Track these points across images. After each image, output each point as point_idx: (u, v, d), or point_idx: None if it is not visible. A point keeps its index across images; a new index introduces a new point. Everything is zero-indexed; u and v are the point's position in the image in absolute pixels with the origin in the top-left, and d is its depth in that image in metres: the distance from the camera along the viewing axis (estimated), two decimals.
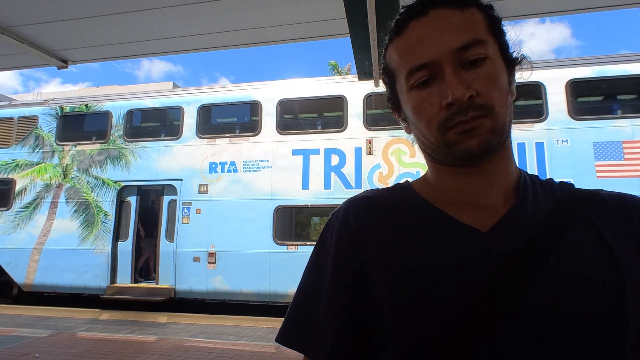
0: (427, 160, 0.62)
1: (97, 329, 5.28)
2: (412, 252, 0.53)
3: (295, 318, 0.58)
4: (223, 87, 8.56)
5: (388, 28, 0.61)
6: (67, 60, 3.15)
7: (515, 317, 0.47)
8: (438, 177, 0.60)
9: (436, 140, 0.54)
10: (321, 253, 0.60)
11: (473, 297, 0.48)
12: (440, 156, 0.57)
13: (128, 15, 2.56)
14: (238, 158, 6.72)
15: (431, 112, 0.53)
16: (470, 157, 0.53)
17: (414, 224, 0.56)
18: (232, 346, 4.37)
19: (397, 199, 0.61)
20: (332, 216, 0.63)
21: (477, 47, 0.52)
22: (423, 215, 0.57)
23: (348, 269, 0.56)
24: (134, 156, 7.17)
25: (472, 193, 0.57)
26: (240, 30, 2.83)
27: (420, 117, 0.55)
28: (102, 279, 6.85)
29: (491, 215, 0.55)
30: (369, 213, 0.59)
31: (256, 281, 6.28)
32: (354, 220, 0.59)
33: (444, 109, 0.51)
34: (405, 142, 6.24)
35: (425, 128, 0.55)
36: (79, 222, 7.14)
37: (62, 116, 7.68)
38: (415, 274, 0.52)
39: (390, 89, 0.62)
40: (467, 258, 0.51)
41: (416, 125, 0.57)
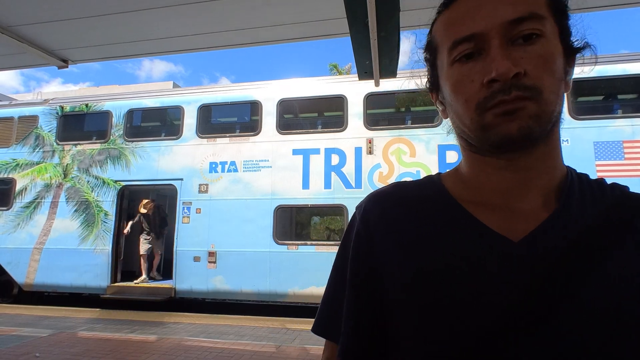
0: (462, 148, 0.56)
1: (97, 329, 5.29)
2: (429, 254, 0.49)
3: (323, 313, 0.61)
4: (223, 86, 8.56)
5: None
6: (67, 60, 3.15)
7: (536, 345, 0.41)
8: (471, 169, 0.54)
9: (472, 122, 0.48)
10: (342, 251, 0.59)
11: (495, 316, 0.44)
12: (476, 142, 0.50)
13: (128, 14, 2.56)
14: (238, 158, 6.72)
15: (471, 90, 0.47)
16: (507, 144, 0.46)
17: (436, 226, 0.52)
18: (232, 346, 4.37)
19: (421, 195, 0.56)
20: (355, 211, 0.60)
21: (533, 21, 0.45)
22: (449, 217, 0.52)
23: (363, 270, 0.54)
24: (134, 156, 7.17)
25: (506, 192, 0.50)
26: (239, 30, 2.83)
27: (459, 94, 0.49)
28: (102, 278, 6.85)
29: (526, 222, 0.48)
30: (389, 210, 0.56)
31: (256, 281, 6.28)
32: (372, 217, 0.56)
33: (484, 87, 0.46)
34: (405, 142, 6.24)
35: (462, 107, 0.49)
36: (80, 221, 7.14)
37: (62, 116, 7.68)
38: (430, 278, 0.48)
39: (431, 66, 0.57)
40: (492, 271, 0.46)
41: (453, 105, 0.51)
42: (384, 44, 2.64)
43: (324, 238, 8.55)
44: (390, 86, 6.25)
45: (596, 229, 0.46)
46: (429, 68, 0.58)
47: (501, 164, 0.50)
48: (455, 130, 0.56)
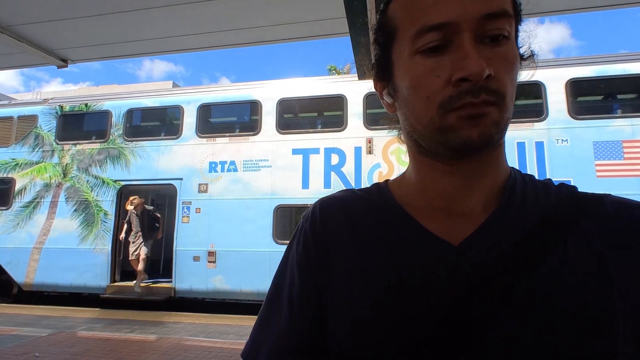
0: (409, 150, 0.53)
1: (97, 328, 5.29)
2: (371, 263, 0.47)
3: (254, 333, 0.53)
4: (223, 86, 8.56)
5: None
6: (67, 59, 3.15)
7: (473, 352, 0.40)
8: (417, 172, 0.52)
9: (431, 122, 0.44)
10: (287, 258, 0.55)
11: (432, 323, 0.42)
12: (429, 143, 0.47)
13: (127, 14, 2.56)
14: (238, 157, 6.72)
15: (434, 86, 0.43)
16: (466, 149, 0.43)
17: (379, 231, 0.49)
18: (232, 345, 4.37)
19: (367, 201, 0.53)
20: (302, 218, 0.56)
21: (503, 21, 0.42)
22: (391, 222, 0.50)
23: (307, 278, 0.50)
24: (134, 155, 7.17)
25: (448, 196, 0.48)
26: (239, 30, 2.82)
27: (419, 90, 0.44)
28: (102, 278, 6.85)
29: (466, 224, 0.46)
30: (335, 216, 0.53)
31: (256, 280, 6.28)
32: (320, 220, 0.53)
33: (452, 85, 0.42)
34: None
35: (422, 105, 0.44)
36: (79, 221, 7.14)
37: (61, 115, 7.67)
38: (373, 290, 0.45)
39: (383, 52, 0.50)
40: (431, 276, 0.44)
41: (409, 101, 0.46)
42: None
43: None
44: None
45: (536, 229, 0.45)
46: (378, 52, 0.51)
47: (449, 168, 0.48)
48: (404, 128, 0.51)
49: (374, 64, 0.53)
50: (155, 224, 7.29)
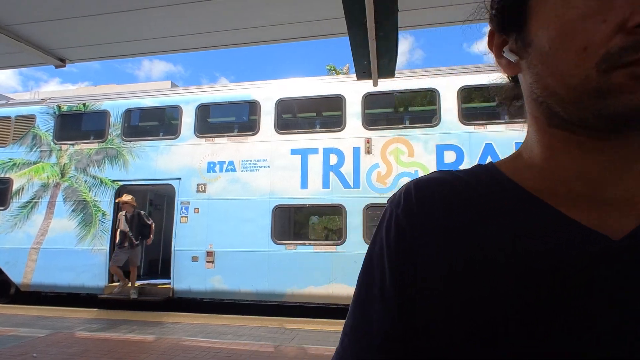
0: (534, 122, 0.43)
1: (95, 329, 5.27)
2: (492, 253, 0.39)
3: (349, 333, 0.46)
4: (221, 86, 8.55)
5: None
6: (65, 59, 3.14)
7: None
8: (546, 150, 0.41)
9: (582, 82, 0.34)
10: (374, 250, 0.47)
11: (584, 329, 0.34)
12: (571, 111, 0.37)
13: (125, 14, 2.55)
14: (236, 157, 6.72)
15: (598, 34, 0.33)
16: (633, 119, 0.34)
17: (498, 218, 0.41)
18: (230, 345, 4.37)
19: (474, 184, 0.45)
20: (389, 203, 0.48)
21: None
22: (514, 208, 0.41)
23: (406, 269, 0.43)
24: (132, 155, 7.15)
25: (592, 180, 0.39)
26: (238, 30, 2.82)
27: (573, 39, 0.34)
28: (100, 278, 6.84)
29: (622, 216, 0.37)
30: (434, 199, 0.45)
31: (255, 281, 6.27)
32: (417, 204, 0.45)
33: (625, 32, 0.32)
34: (403, 142, 6.24)
35: (572, 60, 0.34)
36: (77, 221, 7.12)
37: (59, 115, 7.65)
38: (497, 280, 0.38)
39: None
40: (584, 273, 0.35)
41: (550, 55, 0.36)
42: (382, 44, 2.64)
43: (322, 238, 8.56)
44: (389, 86, 6.27)
45: None
46: None
47: (597, 144, 0.38)
48: (531, 93, 0.41)
49: (496, 12, 0.43)
50: (145, 230, 6.81)
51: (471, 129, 6.05)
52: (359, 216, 6.11)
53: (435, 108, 6.31)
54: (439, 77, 6.43)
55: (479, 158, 5.90)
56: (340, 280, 6.01)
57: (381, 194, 6.12)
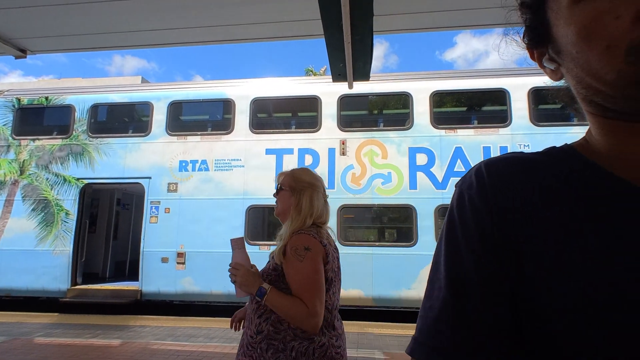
0: (594, 115, 0.43)
1: (56, 334, 5.01)
2: (593, 242, 0.37)
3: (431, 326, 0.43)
4: (195, 83, 8.36)
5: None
6: (26, 49, 2.97)
7: None
8: (610, 138, 0.42)
9: (618, 76, 0.35)
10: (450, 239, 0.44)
11: None
12: (621, 104, 0.38)
13: (93, 5, 2.45)
14: (209, 156, 6.59)
15: (615, 30, 0.34)
16: None
17: (593, 200, 0.39)
18: (201, 348, 4.28)
19: (552, 162, 0.44)
20: (457, 187, 0.47)
21: None
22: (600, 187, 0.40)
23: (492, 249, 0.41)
24: (99, 153, 6.86)
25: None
26: (213, 27, 2.77)
27: (594, 39, 0.36)
28: (62, 281, 6.51)
29: None
30: (514, 176, 0.43)
31: (227, 282, 6.13)
32: (489, 184, 0.43)
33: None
34: (377, 144, 6.34)
35: (600, 59, 0.36)
36: (37, 221, 6.74)
37: (19, 109, 7.22)
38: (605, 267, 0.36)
39: (534, 13, 0.43)
40: None
41: (580, 59, 0.38)
42: (357, 47, 2.68)
43: None
44: (365, 88, 6.35)
45: None
46: (529, 17, 0.44)
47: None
48: (579, 94, 0.43)
49: (526, 30, 0.45)
50: None
51: (442, 133, 6.24)
52: (333, 217, 6.15)
53: (409, 112, 6.46)
54: (413, 81, 6.59)
55: (449, 161, 6.09)
56: None
57: (355, 195, 6.19)
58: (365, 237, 6.92)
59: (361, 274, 5.91)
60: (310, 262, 1.27)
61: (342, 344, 1.34)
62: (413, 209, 6.03)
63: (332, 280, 1.34)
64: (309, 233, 1.34)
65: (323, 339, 1.27)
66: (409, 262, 5.84)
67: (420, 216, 5.98)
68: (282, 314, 1.27)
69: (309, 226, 1.38)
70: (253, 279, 1.39)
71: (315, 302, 1.23)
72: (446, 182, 6.03)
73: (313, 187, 1.46)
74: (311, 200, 1.42)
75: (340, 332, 1.36)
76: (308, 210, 1.40)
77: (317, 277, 1.27)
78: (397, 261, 5.91)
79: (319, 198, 1.46)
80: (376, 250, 6.06)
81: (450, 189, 6.00)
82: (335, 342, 1.30)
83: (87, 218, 7.07)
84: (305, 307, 1.22)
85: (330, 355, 1.26)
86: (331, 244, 1.41)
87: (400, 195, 6.10)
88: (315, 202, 1.43)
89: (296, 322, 1.25)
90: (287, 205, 1.45)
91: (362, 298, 5.93)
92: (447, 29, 2.90)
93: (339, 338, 1.33)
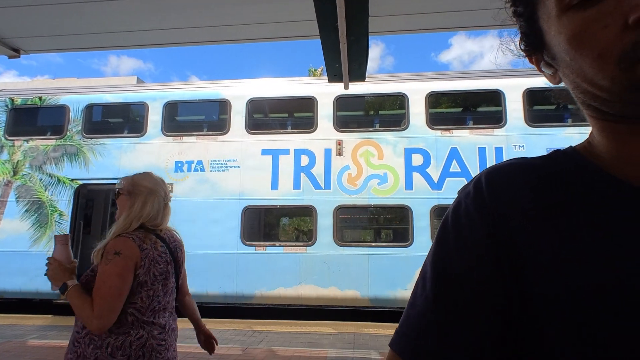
0: (593, 118, 0.43)
1: (49, 336, 4.96)
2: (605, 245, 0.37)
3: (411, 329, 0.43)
4: (191, 83, 8.33)
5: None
6: (19, 49, 2.95)
7: None
8: (612, 142, 0.42)
9: (613, 83, 0.36)
10: (441, 244, 0.45)
11: None
12: (619, 108, 0.39)
13: (88, 4, 2.43)
14: (205, 157, 6.57)
15: (605, 39, 0.35)
16: None
17: (592, 202, 0.40)
18: (196, 349, 4.25)
19: (555, 168, 0.44)
20: (459, 194, 0.47)
21: None
22: (600, 188, 0.40)
23: (486, 261, 0.41)
24: (94, 153, 6.82)
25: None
26: (209, 27, 2.77)
27: (585, 48, 0.37)
28: None
29: None
30: (513, 182, 0.44)
31: (223, 282, 6.16)
32: (488, 192, 0.44)
33: (630, 30, 0.34)
34: (373, 144, 6.36)
35: (593, 67, 0.37)
36: (31, 222, 6.68)
37: (12, 109, 7.16)
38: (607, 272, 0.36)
39: (527, 21, 0.44)
40: None
41: (575, 63, 0.39)
42: (353, 48, 2.69)
43: (292, 239, 8.53)
44: (360, 89, 6.36)
45: None
46: (522, 24, 0.45)
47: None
48: (577, 97, 0.43)
49: (520, 38, 0.47)
50: None
51: (438, 134, 6.27)
52: (330, 217, 6.16)
53: (405, 112, 6.48)
54: (408, 82, 6.62)
55: (444, 161, 6.12)
56: (310, 282, 6.02)
57: (351, 196, 6.19)
58: (361, 238, 6.93)
59: (357, 274, 5.91)
60: (113, 266, 1.32)
61: (168, 338, 1.42)
62: (409, 210, 6.05)
63: (147, 283, 1.38)
64: (130, 237, 1.39)
65: (141, 331, 1.34)
66: (405, 263, 5.86)
67: (416, 217, 6.00)
68: (75, 313, 1.35)
69: (134, 229, 1.43)
70: (62, 274, 1.43)
71: (103, 306, 1.28)
72: (442, 183, 6.05)
73: (151, 192, 1.51)
74: (143, 204, 1.47)
75: (166, 328, 1.42)
76: (137, 213, 1.45)
77: (115, 281, 1.31)
78: (393, 261, 5.92)
79: (156, 202, 1.51)
80: (372, 250, 6.07)
81: (445, 190, 6.02)
82: (157, 335, 1.37)
83: (82, 219, 7.01)
84: (90, 309, 1.29)
85: (151, 345, 1.34)
86: (158, 248, 1.45)
87: (396, 196, 6.11)
88: (149, 206, 1.48)
89: (83, 321, 1.33)
90: (125, 209, 1.49)
91: (359, 298, 5.94)
92: (442, 30, 2.91)
93: (163, 332, 1.40)
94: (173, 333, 1.47)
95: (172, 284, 1.51)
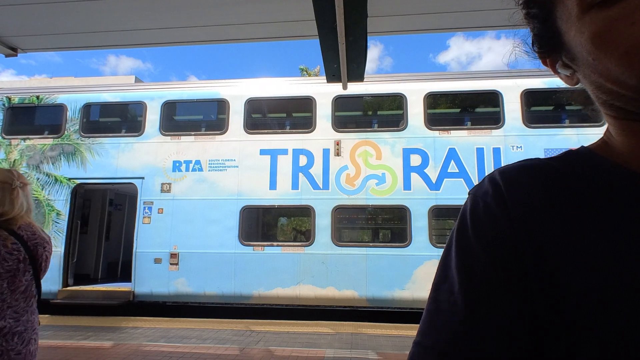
0: (614, 117, 0.42)
1: (46, 336, 4.94)
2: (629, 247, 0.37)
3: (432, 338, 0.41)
4: (189, 83, 8.32)
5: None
6: (17, 47, 2.94)
7: None
8: (633, 139, 0.41)
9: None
10: (463, 245, 0.43)
11: None
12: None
13: (86, 3, 2.43)
14: (203, 157, 6.56)
15: (632, 36, 0.34)
16: None
17: (617, 199, 0.39)
18: (194, 349, 4.25)
19: (573, 167, 0.43)
20: (471, 195, 0.46)
21: None
22: (630, 189, 0.39)
23: (511, 259, 0.40)
24: (91, 152, 6.80)
25: None
26: (207, 27, 2.76)
27: (610, 46, 0.36)
28: (52, 282, 6.42)
29: None
30: (531, 182, 0.43)
31: (220, 283, 6.15)
32: (507, 190, 0.43)
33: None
34: (372, 144, 6.36)
35: (620, 65, 0.36)
36: None
37: (9, 107, 7.13)
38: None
39: (542, 23, 0.43)
40: None
41: (598, 63, 0.38)
42: (351, 49, 2.69)
43: (290, 239, 8.53)
44: (359, 89, 6.37)
45: None
46: (536, 26, 0.44)
47: None
48: (598, 98, 0.42)
49: (534, 39, 0.45)
50: None
51: (436, 134, 6.28)
52: (328, 217, 6.16)
53: (403, 113, 6.49)
54: (407, 82, 6.63)
55: (442, 162, 6.13)
56: (308, 282, 6.02)
57: (350, 196, 6.20)
58: (360, 238, 6.93)
59: (355, 274, 5.92)
60: None
61: (5, 343, 1.45)
62: (407, 210, 6.06)
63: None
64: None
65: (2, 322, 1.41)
66: (403, 263, 5.87)
67: (414, 217, 6.01)
68: None
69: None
70: None
71: None
72: (440, 183, 6.07)
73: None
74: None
75: (3, 331, 1.45)
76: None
77: None
78: (391, 262, 5.93)
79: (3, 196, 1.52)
80: (370, 251, 6.08)
81: (443, 190, 6.03)
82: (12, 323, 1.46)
83: (79, 219, 7.00)
84: None
85: None
86: (8, 245, 1.48)
87: (395, 196, 6.12)
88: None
89: None
90: None
91: (356, 298, 5.94)
92: (441, 30, 2.92)
93: (18, 320, 1.49)
94: (16, 337, 1.49)
95: (25, 283, 1.52)
